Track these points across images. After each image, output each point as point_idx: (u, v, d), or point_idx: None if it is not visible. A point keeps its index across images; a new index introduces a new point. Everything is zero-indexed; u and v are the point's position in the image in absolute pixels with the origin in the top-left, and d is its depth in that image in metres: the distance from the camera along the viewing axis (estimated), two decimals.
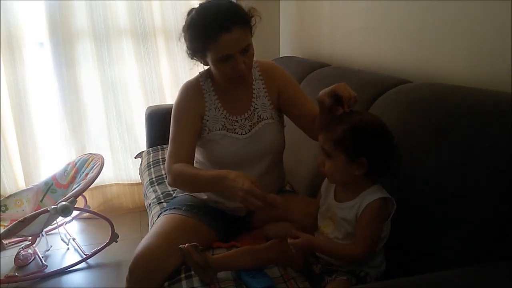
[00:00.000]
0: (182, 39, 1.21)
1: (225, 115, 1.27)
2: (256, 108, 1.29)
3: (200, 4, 1.17)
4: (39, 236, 2.13)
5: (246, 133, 1.27)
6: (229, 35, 1.08)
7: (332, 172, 1.01)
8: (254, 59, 1.24)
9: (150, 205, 1.63)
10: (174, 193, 1.54)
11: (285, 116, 1.36)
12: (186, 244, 1.04)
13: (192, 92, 1.28)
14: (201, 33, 1.12)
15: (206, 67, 1.29)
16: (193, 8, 1.19)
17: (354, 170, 0.96)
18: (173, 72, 2.60)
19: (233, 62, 1.12)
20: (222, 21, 1.08)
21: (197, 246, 1.04)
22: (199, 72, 1.32)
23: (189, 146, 1.24)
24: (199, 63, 1.26)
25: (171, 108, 1.31)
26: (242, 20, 1.11)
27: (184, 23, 1.20)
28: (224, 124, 1.27)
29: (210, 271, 1.06)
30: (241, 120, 1.28)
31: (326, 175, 1.04)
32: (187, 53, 1.23)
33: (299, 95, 1.32)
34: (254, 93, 1.30)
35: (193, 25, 1.14)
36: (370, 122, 0.98)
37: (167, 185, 1.25)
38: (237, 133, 1.27)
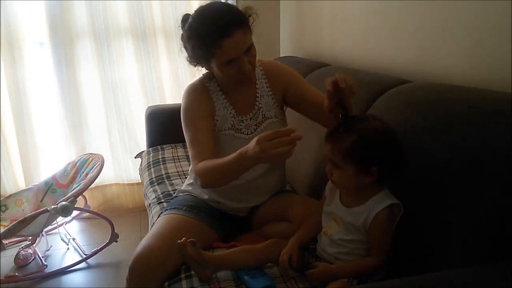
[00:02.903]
0: (181, 42, 1.21)
1: (233, 115, 1.27)
2: (261, 107, 1.29)
3: (196, 11, 1.15)
4: (39, 236, 2.13)
5: (251, 133, 1.27)
6: (231, 40, 1.08)
7: (341, 182, 1.00)
8: (257, 58, 1.24)
9: (150, 205, 1.63)
10: (174, 193, 1.54)
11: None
12: (183, 238, 1.04)
13: (199, 93, 1.27)
14: (203, 42, 1.11)
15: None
16: (187, 14, 1.19)
17: (364, 179, 0.95)
18: (173, 72, 2.60)
19: (239, 64, 1.13)
20: (222, 27, 1.08)
21: (194, 241, 1.04)
22: (202, 74, 1.31)
23: (209, 145, 1.21)
24: (200, 67, 1.25)
25: (171, 108, 1.31)
26: (241, 22, 1.11)
27: (181, 32, 1.20)
28: (233, 123, 1.27)
29: (208, 268, 1.05)
30: (246, 120, 1.28)
31: (334, 184, 1.03)
32: (187, 60, 1.23)
33: (305, 88, 1.30)
34: (258, 93, 1.30)
35: (193, 35, 1.14)
36: (378, 130, 0.96)
37: (200, 187, 1.21)
38: (243, 133, 1.27)
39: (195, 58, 1.18)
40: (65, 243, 2.28)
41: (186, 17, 1.19)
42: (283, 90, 1.30)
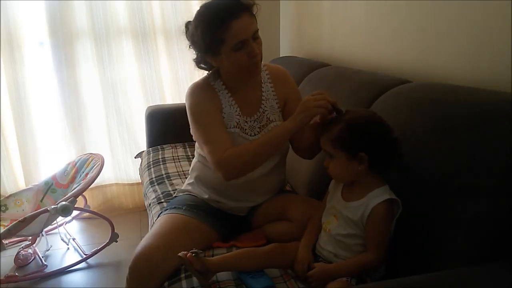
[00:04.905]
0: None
1: (239, 113, 1.27)
2: (266, 110, 1.29)
3: (201, 6, 1.19)
4: (39, 236, 2.13)
5: (255, 135, 1.27)
6: (239, 21, 1.11)
7: (336, 172, 1.03)
8: (262, 62, 1.25)
9: (150, 205, 1.63)
10: (174, 193, 1.54)
11: None
12: (188, 254, 1.02)
13: (205, 91, 1.28)
14: (213, 26, 1.13)
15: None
16: (189, 21, 1.21)
17: (356, 166, 0.97)
18: (173, 72, 2.60)
19: (248, 48, 1.14)
20: (230, 10, 1.11)
21: (197, 252, 1.03)
22: (207, 73, 1.32)
23: (226, 137, 1.20)
24: (205, 71, 1.27)
25: (171, 108, 1.31)
26: (247, 7, 1.15)
27: (186, 33, 1.22)
28: (239, 121, 1.27)
29: (209, 274, 1.05)
30: (251, 121, 1.28)
31: (332, 176, 1.05)
32: (194, 60, 1.25)
33: None
34: (264, 95, 1.30)
35: (202, 21, 1.15)
36: (364, 118, 1.00)
37: (225, 180, 1.17)
38: (247, 133, 1.27)
39: (205, 47, 1.17)
40: (65, 243, 2.28)
41: (188, 22, 1.22)
42: (285, 99, 1.32)
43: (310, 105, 1.06)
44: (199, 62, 1.26)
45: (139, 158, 2.32)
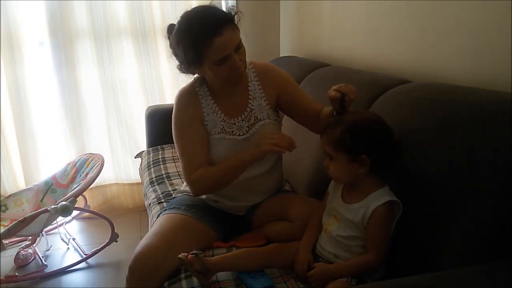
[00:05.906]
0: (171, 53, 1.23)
1: (223, 118, 1.27)
2: (253, 109, 1.29)
3: (182, 17, 1.17)
4: (39, 236, 2.14)
5: (243, 134, 1.27)
6: (221, 38, 1.10)
7: (337, 174, 1.02)
8: (249, 60, 1.25)
9: (150, 205, 1.63)
10: (174, 193, 1.54)
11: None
12: (189, 256, 1.02)
13: (188, 99, 1.29)
14: (194, 43, 1.12)
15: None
16: (172, 24, 1.20)
17: (357, 168, 0.97)
18: (173, 72, 2.58)
19: (230, 61, 1.13)
20: (211, 27, 1.10)
21: (197, 253, 1.03)
22: (194, 78, 1.32)
23: (201, 154, 1.24)
24: (191, 75, 1.28)
25: (171, 108, 1.31)
26: (228, 20, 1.13)
27: (170, 40, 1.21)
28: (223, 127, 1.27)
29: (210, 274, 1.05)
30: (238, 122, 1.28)
31: (332, 177, 1.05)
32: (179, 68, 1.25)
33: (298, 93, 1.33)
34: (250, 95, 1.30)
35: (183, 37, 1.15)
36: (366, 120, 0.99)
37: (194, 195, 1.31)
38: (235, 135, 1.27)
39: (187, 62, 1.18)
40: (65, 243, 2.28)
41: (171, 27, 1.21)
42: (277, 94, 1.31)
43: (263, 142, 1.11)
44: (183, 71, 1.26)
45: (139, 158, 2.32)
